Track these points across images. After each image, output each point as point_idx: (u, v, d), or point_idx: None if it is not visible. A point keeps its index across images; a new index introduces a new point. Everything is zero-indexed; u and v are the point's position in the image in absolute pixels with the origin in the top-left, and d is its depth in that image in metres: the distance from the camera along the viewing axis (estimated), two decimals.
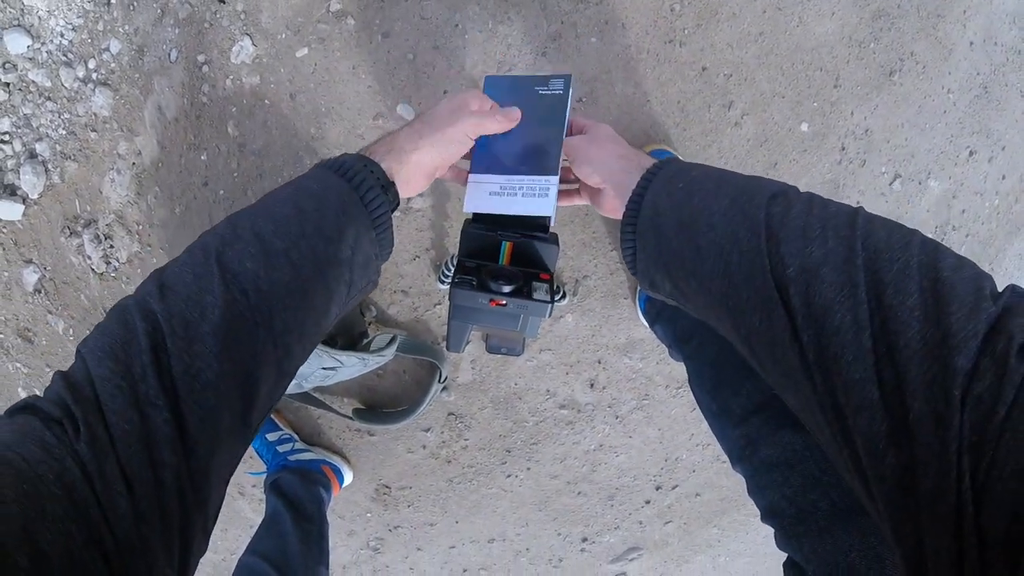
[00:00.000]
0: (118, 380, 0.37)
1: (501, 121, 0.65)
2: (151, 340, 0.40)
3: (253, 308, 0.44)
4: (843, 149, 1.00)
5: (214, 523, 0.43)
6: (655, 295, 0.59)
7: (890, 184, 1.03)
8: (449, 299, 0.65)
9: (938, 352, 0.32)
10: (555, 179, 0.67)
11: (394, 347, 0.93)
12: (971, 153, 1.05)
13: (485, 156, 0.70)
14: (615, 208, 0.62)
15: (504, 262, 0.68)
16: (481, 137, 0.68)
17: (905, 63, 0.97)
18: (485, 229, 0.69)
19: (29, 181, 1.04)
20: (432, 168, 0.62)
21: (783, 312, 0.41)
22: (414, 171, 0.61)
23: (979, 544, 0.29)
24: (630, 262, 0.60)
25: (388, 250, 0.59)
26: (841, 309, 0.37)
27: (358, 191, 0.54)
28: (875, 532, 0.53)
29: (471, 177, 0.70)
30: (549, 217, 0.69)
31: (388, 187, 0.57)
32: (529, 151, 0.69)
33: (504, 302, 0.64)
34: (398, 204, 0.60)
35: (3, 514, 0.30)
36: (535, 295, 0.64)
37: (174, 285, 0.43)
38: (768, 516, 0.65)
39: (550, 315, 0.66)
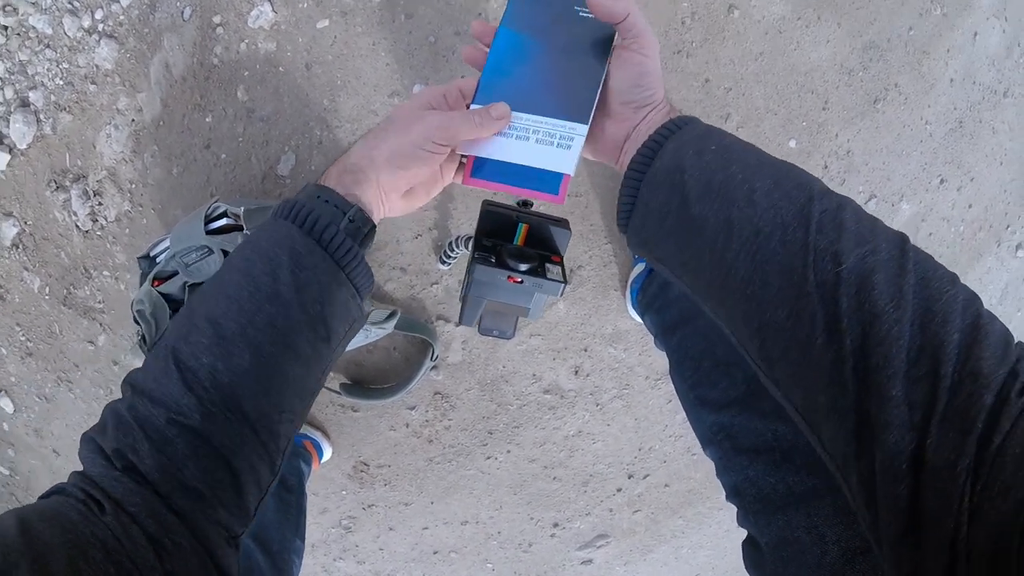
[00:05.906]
0: (121, 477, 0.43)
1: (478, 124, 0.53)
2: (128, 444, 0.44)
3: (217, 403, 0.45)
4: (826, 167, 1.07)
5: None
6: (639, 255, 0.57)
7: (865, 203, 1.11)
8: (468, 274, 0.68)
9: (969, 388, 0.35)
10: (584, 128, 0.55)
11: (394, 321, 0.95)
12: (942, 181, 1.13)
13: (496, 85, 0.56)
14: (614, 146, 0.56)
15: (519, 243, 0.71)
16: (491, 60, 0.56)
17: (889, 93, 1.04)
18: (503, 209, 0.71)
19: (18, 130, 1.01)
20: (400, 186, 0.55)
21: (820, 311, 0.40)
22: (376, 194, 0.53)
23: (967, 560, 0.32)
24: (624, 214, 0.55)
25: (368, 283, 0.54)
26: (889, 320, 0.38)
27: (312, 234, 0.49)
28: (820, 514, 0.58)
29: (472, 108, 0.56)
30: (567, 175, 0.57)
31: (355, 217, 0.51)
32: (554, 86, 0.55)
33: (520, 279, 0.67)
34: (373, 228, 0.54)
35: (55, 555, 0.36)
36: (549, 275, 0.67)
37: (142, 390, 0.45)
38: (732, 495, 0.71)
39: (561, 295, 0.69)
